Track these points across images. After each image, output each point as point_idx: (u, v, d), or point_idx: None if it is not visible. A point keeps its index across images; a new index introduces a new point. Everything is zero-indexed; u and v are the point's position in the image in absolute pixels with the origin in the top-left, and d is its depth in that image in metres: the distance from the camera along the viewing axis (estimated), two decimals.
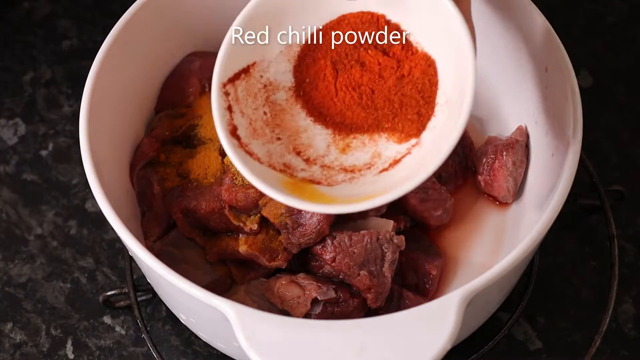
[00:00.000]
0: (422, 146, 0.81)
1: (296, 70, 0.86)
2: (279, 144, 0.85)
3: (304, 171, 0.84)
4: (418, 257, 0.91)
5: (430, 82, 0.82)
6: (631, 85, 1.10)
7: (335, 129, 0.85)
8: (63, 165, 1.06)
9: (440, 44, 0.82)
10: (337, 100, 0.84)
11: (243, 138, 0.83)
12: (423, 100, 0.82)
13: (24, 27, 1.14)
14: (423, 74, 0.82)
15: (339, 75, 0.84)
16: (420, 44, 0.83)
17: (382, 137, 0.83)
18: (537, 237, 0.82)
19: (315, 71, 0.85)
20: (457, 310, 0.76)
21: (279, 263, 0.89)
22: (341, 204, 0.79)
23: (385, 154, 0.83)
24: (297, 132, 0.85)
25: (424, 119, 0.82)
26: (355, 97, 0.84)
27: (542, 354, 0.95)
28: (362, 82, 0.84)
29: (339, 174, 0.83)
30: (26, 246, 1.02)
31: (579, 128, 0.86)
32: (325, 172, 0.84)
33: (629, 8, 1.15)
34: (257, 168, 0.82)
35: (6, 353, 0.96)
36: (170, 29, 0.97)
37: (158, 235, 0.92)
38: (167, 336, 0.97)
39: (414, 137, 0.82)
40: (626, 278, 0.99)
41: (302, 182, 0.83)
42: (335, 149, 0.84)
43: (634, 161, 1.05)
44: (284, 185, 0.82)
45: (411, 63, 0.83)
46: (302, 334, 0.76)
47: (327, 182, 0.83)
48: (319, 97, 0.85)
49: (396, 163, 0.82)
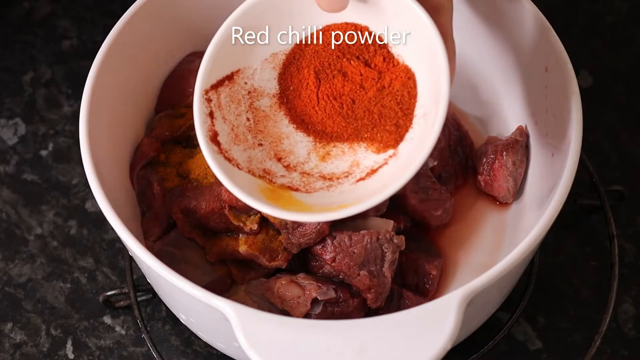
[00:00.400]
0: (398, 157, 0.82)
1: (281, 78, 0.87)
2: (260, 149, 0.86)
3: (283, 177, 0.85)
4: (418, 257, 0.91)
5: (410, 95, 0.83)
6: (631, 85, 1.10)
7: (316, 137, 0.85)
8: (63, 165, 1.06)
9: (420, 58, 0.82)
10: (318, 109, 0.85)
11: (224, 144, 0.84)
12: (402, 112, 0.83)
13: (24, 27, 1.14)
14: (403, 86, 0.83)
15: (321, 85, 0.85)
16: (402, 56, 0.84)
17: (361, 147, 0.84)
18: (537, 237, 0.82)
19: (299, 79, 0.86)
20: (457, 310, 0.76)
21: (279, 263, 0.89)
22: (316, 212, 0.81)
23: (363, 163, 0.84)
24: (280, 139, 0.86)
25: (401, 130, 0.83)
26: (336, 106, 0.85)
27: (542, 354, 0.95)
28: (343, 92, 0.85)
29: (317, 181, 0.84)
30: (26, 246, 1.02)
31: (579, 128, 0.86)
32: (305, 179, 0.85)
33: (629, 8, 1.15)
34: (235, 174, 0.83)
35: (6, 353, 0.96)
36: (170, 29, 0.97)
37: (158, 235, 0.92)
38: (167, 336, 0.97)
39: (392, 147, 0.83)
40: (626, 278, 0.99)
41: (280, 188, 0.84)
42: (316, 156, 0.85)
43: (634, 161, 1.05)
44: (262, 191, 0.83)
45: (392, 75, 0.84)
46: (302, 334, 0.76)
47: (305, 189, 0.84)
48: (301, 105, 0.86)
49: (373, 173, 0.83)
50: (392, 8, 0.82)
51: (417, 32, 0.81)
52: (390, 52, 0.84)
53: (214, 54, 0.84)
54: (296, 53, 0.86)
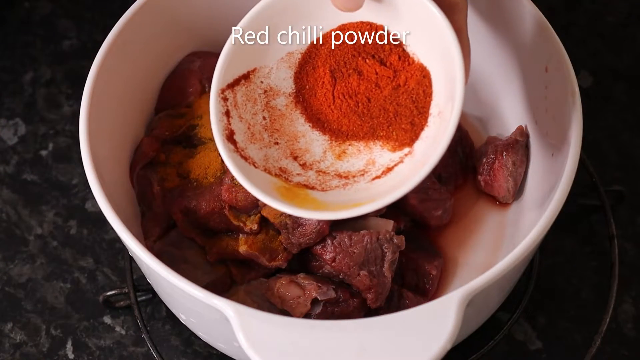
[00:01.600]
0: (414, 155, 0.82)
1: (297, 77, 0.87)
2: (276, 148, 0.86)
3: (299, 176, 0.85)
4: (418, 257, 0.91)
5: (425, 93, 0.83)
6: (631, 85, 1.10)
7: (332, 136, 0.86)
8: (63, 165, 1.06)
9: (435, 56, 0.83)
10: (334, 107, 0.86)
11: (240, 143, 0.84)
12: (417, 111, 0.83)
13: (24, 27, 1.14)
14: (418, 85, 0.83)
15: (337, 83, 0.85)
16: (417, 54, 0.84)
17: (377, 145, 0.85)
18: (537, 237, 0.82)
19: (315, 78, 0.87)
20: (457, 311, 0.76)
21: (279, 263, 0.89)
22: (332, 210, 0.81)
23: (379, 161, 0.84)
24: (295, 137, 0.86)
25: (417, 128, 0.83)
26: (352, 105, 0.85)
27: (542, 354, 0.95)
28: (359, 90, 0.85)
29: (333, 179, 0.85)
30: (26, 246, 1.02)
31: (579, 128, 0.86)
32: (320, 177, 0.85)
33: (629, 8, 1.15)
34: (251, 173, 0.83)
35: (6, 353, 0.96)
36: (170, 29, 0.97)
37: (158, 235, 0.92)
38: (167, 336, 0.97)
39: (407, 146, 0.83)
40: (626, 278, 0.99)
41: (296, 186, 0.84)
42: (332, 154, 0.85)
43: (634, 161, 1.05)
44: (278, 190, 0.83)
45: (407, 73, 0.84)
46: (302, 334, 0.76)
47: (321, 188, 0.84)
48: (317, 104, 0.86)
49: (389, 171, 0.83)
50: (407, 7, 0.82)
51: (432, 30, 0.81)
52: (406, 51, 0.84)
53: (229, 53, 0.85)
54: (312, 52, 0.87)
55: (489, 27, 0.95)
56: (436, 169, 0.94)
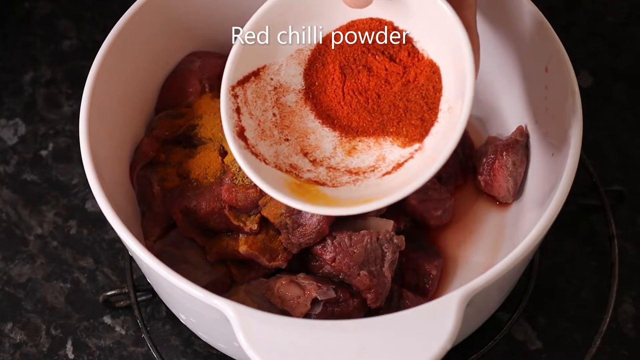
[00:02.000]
0: (424, 151, 0.82)
1: (306, 74, 0.87)
2: (286, 145, 0.86)
3: (310, 172, 0.85)
4: (418, 257, 0.91)
5: (435, 89, 0.83)
6: (631, 85, 1.10)
7: (342, 132, 0.86)
8: (63, 165, 1.06)
9: (445, 52, 0.83)
10: (344, 103, 0.86)
11: (250, 139, 0.85)
12: (427, 107, 0.83)
13: (24, 27, 1.14)
14: (428, 81, 0.83)
15: (346, 80, 0.86)
16: (426, 50, 0.84)
17: (387, 141, 0.85)
18: (537, 237, 0.82)
19: (325, 75, 0.87)
20: (457, 311, 0.76)
21: (279, 263, 0.89)
22: (342, 206, 0.81)
23: (389, 157, 0.84)
24: (306, 134, 0.86)
25: (427, 124, 0.83)
26: (362, 101, 0.85)
27: (542, 354, 0.95)
28: (368, 86, 0.85)
29: (343, 175, 0.85)
30: (26, 246, 1.02)
31: (579, 128, 0.86)
32: (331, 173, 0.85)
33: (629, 8, 1.15)
34: (262, 169, 0.84)
35: (6, 353, 0.96)
36: (170, 29, 0.97)
37: (158, 235, 0.92)
38: (167, 336, 0.97)
39: (417, 141, 0.83)
40: (626, 278, 0.99)
41: (307, 183, 0.84)
42: (342, 151, 0.86)
43: (634, 161, 1.05)
44: (289, 186, 0.83)
45: (417, 69, 0.84)
46: (302, 334, 0.76)
47: (332, 184, 0.84)
48: (327, 101, 0.86)
49: (399, 167, 0.83)
50: (416, 3, 0.83)
51: (441, 26, 0.81)
52: (415, 47, 0.85)
53: (239, 50, 0.85)
54: (321, 49, 0.87)
55: (489, 27, 0.95)
56: None
